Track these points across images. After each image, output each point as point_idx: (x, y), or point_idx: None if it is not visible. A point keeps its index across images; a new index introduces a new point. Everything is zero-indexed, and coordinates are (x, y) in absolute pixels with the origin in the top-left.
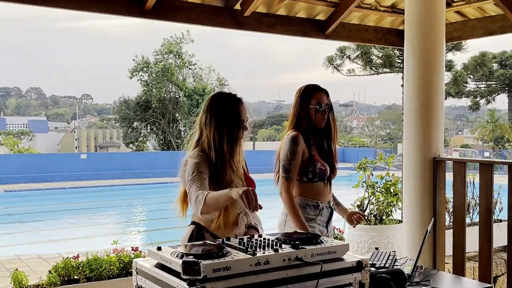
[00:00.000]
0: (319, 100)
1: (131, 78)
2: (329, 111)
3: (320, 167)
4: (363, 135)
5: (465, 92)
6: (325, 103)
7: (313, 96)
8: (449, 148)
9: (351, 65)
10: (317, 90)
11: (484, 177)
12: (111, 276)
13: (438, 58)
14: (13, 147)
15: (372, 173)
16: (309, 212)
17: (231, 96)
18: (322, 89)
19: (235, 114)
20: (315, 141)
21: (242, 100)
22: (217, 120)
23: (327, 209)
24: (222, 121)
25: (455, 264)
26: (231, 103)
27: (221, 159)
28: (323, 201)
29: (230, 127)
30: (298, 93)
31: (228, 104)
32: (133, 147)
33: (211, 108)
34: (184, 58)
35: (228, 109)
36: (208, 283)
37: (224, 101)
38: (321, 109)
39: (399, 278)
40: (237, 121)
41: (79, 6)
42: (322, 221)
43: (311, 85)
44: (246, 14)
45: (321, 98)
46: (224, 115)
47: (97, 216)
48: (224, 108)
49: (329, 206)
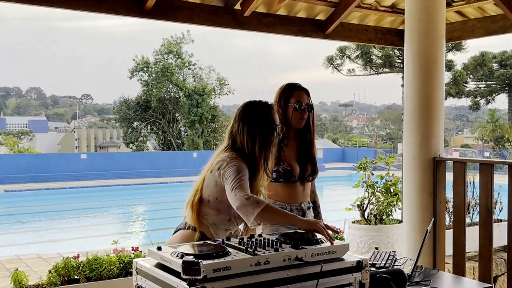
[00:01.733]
0: (299, 99)
1: (131, 78)
2: (309, 111)
3: (285, 167)
4: (363, 135)
5: (465, 92)
6: (305, 102)
7: (293, 94)
8: (449, 148)
9: (351, 65)
10: (297, 89)
11: (484, 177)
12: (111, 276)
13: (438, 58)
14: (13, 147)
15: (372, 173)
16: None
17: (263, 103)
18: (303, 88)
19: (268, 119)
20: (293, 141)
21: (273, 106)
22: (249, 126)
23: (297, 211)
24: (255, 127)
25: (455, 264)
26: (263, 109)
27: (254, 165)
28: (293, 202)
29: (263, 132)
30: (278, 91)
31: (260, 110)
32: (133, 147)
33: (244, 116)
34: (184, 58)
35: (260, 115)
36: (208, 283)
37: (256, 108)
38: (300, 108)
39: (399, 278)
40: (270, 126)
41: (79, 6)
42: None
43: (291, 84)
44: (246, 14)
45: (301, 97)
46: (257, 121)
47: (97, 216)
48: (257, 115)
49: (301, 208)
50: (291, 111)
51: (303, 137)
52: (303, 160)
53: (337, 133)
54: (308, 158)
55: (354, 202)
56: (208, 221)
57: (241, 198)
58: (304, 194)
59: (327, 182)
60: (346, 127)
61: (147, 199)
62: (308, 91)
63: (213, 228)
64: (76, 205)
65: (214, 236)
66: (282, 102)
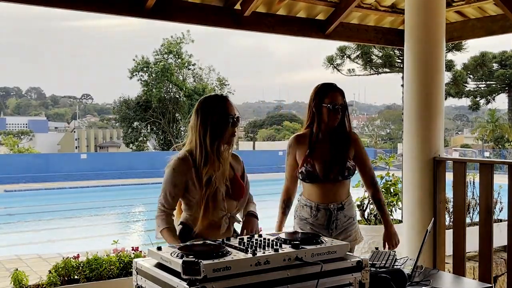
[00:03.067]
0: (333, 100)
1: (131, 78)
2: (343, 111)
3: (308, 168)
4: (363, 135)
5: (465, 92)
6: (339, 103)
7: (328, 95)
8: (449, 148)
9: (351, 65)
10: (332, 90)
11: (484, 177)
12: (111, 276)
13: (438, 58)
14: (13, 147)
15: None
16: (304, 211)
17: (216, 96)
18: (338, 89)
19: (220, 111)
20: (326, 141)
21: (227, 98)
22: (202, 118)
23: (325, 211)
24: (207, 119)
25: (455, 264)
26: (216, 100)
27: (205, 156)
28: (321, 202)
29: (215, 124)
30: (313, 91)
31: (213, 102)
32: (133, 147)
33: (198, 109)
34: (184, 58)
35: (212, 107)
36: (208, 283)
37: (209, 101)
38: (333, 109)
39: (399, 278)
40: (222, 117)
41: (79, 6)
42: (318, 223)
43: (327, 84)
44: (246, 14)
45: (335, 98)
46: (209, 113)
47: (97, 216)
48: (210, 107)
49: (328, 208)
50: (325, 111)
51: (337, 136)
52: (333, 159)
53: None
54: (339, 158)
55: (354, 202)
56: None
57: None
58: (335, 194)
59: None
60: None
61: (147, 199)
62: (342, 92)
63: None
64: (76, 205)
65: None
66: (316, 101)
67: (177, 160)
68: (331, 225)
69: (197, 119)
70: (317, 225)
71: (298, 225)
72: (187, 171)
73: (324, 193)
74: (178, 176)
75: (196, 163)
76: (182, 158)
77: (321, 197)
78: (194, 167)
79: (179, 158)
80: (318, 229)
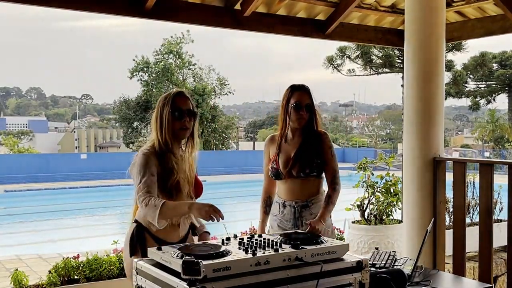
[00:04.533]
0: (298, 99)
1: (131, 78)
2: (309, 110)
3: (273, 165)
4: (363, 135)
5: (465, 92)
6: (304, 102)
7: (294, 95)
8: (449, 148)
9: (351, 65)
10: (298, 90)
11: (484, 177)
12: (111, 276)
13: (438, 58)
14: (13, 147)
15: (372, 173)
16: (275, 208)
17: (168, 92)
18: (304, 89)
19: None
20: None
21: (181, 92)
22: (156, 114)
23: (290, 208)
24: (162, 113)
25: (455, 264)
26: (166, 96)
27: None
28: (287, 199)
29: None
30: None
31: (166, 98)
32: (133, 147)
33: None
34: (184, 58)
35: (165, 103)
36: (208, 283)
37: (164, 97)
38: (298, 108)
39: (399, 278)
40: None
41: (79, 6)
42: (284, 219)
43: (293, 85)
44: (246, 14)
45: (300, 97)
46: (159, 108)
47: (97, 216)
48: (163, 103)
49: (293, 205)
50: (292, 111)
51: (305, 135)
52: (297, 157)
53: (337, 133)
54: (304, 155)
55: (354, 202)
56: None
57: (142, 205)
58: (299, 192)
59: None
60: (346, 127)
61: None
62: (309, 91)
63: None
64: (76, 205)
65: (149, 225)
66: (284, 102)
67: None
68: (297, 222)
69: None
70: (284, 222)
71: (270, 221)
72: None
73: (289, 190)
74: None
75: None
76: (145, 153)
77: (286, 194)
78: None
79: (143, 153)
80: (285, 226)
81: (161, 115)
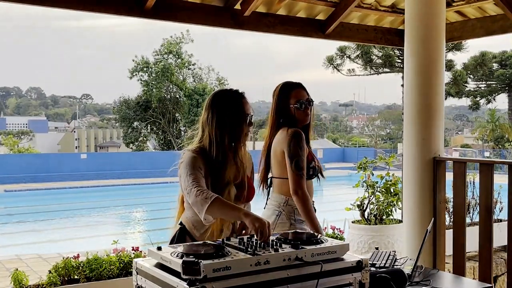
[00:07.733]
0: (299, 98)
1: (131, 78)
2: (310, 106)
3: (317, 163)
4: (363, 135)
5: (465, 92)
6: (305, 98)
7: (292, 94)
8: (449, 148)
9: (351, 65)
10: (295, 87)
11: (484, 177)
12: (111, 276)
13: (438, 58)
14: (13, 147)
15: (372, 173)
16: None
17: (233, 92)
18: (299, 85)
19: (238, 109)
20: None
21: (244, 95)
22: (218, 115)
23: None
24: (224, 116)
25: (455, 264)
26: (233, 98)
27: (222, 155)
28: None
29: (232, 122)
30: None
31: (230, 99)
32: (133, 147)
33: (213, 105)
34: (184, 58)
35: (230, 104)
36: (208, 283)
37: (226, 97)
38: (302, 106)
39: (399, 278)
40: (239, 115)
41: (79, 6)
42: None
43: (287, 83)
44: (246, 14)
45: (300, 95)
46: (226, 110)
47: (97, 216)
48: (226, 104)
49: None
50: (293, 111)
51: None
52: None
53: (337, 133)
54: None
55: (354, 202)
56: (187, 215)
57: (192, 195)
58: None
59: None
60: (346, 127)
61: (147, 199)
62: (304, 86)
63: (192, 221)
64: (76, 205)
65: (192, 229)
66: (281, 102)
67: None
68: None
69: (213, 115)
70: None
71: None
72: (202, 165)
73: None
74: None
75: (209, 161)
76: (195, 152)
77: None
78: (207, 165)
79: (193, 152)
80: None
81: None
